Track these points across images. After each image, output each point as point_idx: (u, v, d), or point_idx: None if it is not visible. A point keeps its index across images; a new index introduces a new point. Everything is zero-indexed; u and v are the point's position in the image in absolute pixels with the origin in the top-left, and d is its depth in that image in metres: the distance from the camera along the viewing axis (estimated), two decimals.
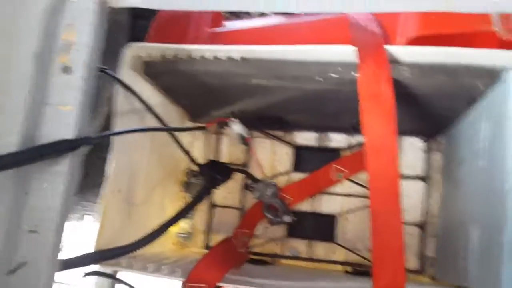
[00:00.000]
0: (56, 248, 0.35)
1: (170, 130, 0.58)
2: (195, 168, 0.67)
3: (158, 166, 0.63)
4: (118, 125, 0.52)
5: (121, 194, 0.54)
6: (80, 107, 0.36)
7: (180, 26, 0.62)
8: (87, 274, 0.46)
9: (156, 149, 0.61)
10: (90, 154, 0.43)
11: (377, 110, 0.42)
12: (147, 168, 0.60)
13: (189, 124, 0.69)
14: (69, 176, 0.36)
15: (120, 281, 0.43)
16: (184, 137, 0.63)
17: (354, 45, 0.46)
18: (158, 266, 0.49)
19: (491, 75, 0.44)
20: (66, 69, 0.37)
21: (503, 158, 0.40)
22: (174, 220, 0.53)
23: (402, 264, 0.39)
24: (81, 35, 0.37)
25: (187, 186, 0.71)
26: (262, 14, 0.72)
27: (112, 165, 0.52)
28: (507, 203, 0.39)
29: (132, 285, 0.44)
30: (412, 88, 0.47)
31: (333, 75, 0.48)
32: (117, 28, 0.56)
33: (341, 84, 0.48)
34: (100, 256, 0.45)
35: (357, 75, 0.45)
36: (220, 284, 0.46)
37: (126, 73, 0.53)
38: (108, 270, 0.47)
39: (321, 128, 0.67)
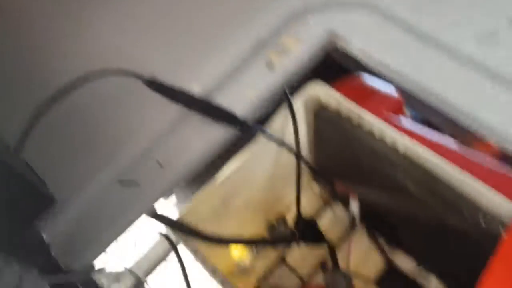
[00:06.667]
0: (169, 187, 0.37)
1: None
2: (290, 219, 0.67)
3: (264, 191, 0.64)
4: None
5: (223, 190, 0.56)
6: (260, 98, 0.39)
7: (362, 92, 0.63)
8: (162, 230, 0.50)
9: (273, 176, 0.62)
10: None
11: (507, 279, 0.38)
12: (257, 186, 0.61)
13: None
14: (219, 145, 0.39)
15: (177, 252, 0.44)
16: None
17: None
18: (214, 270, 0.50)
19: None
20: (270, 65, 0.40)
21: None
22: (245, 242, 0.60)
23: None
24: (300, 49, 0.40)
25: (270, 228, 0.70)
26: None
27: (236, 163, 0.55)
28: None
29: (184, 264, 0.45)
30: None
31: (479, 220, 0.45)
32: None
33: (479, 233, 0.45)
34: (179, 225, 0.47)
35: (503, 232, 0.42)
36: None
37: (297, 102, 0.56)
38: (174, 238, 0.49)
39: (423, 262, 0.62)
